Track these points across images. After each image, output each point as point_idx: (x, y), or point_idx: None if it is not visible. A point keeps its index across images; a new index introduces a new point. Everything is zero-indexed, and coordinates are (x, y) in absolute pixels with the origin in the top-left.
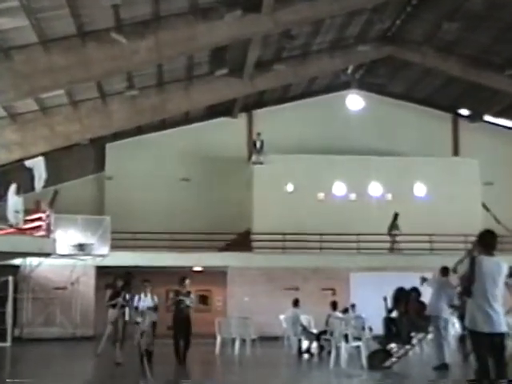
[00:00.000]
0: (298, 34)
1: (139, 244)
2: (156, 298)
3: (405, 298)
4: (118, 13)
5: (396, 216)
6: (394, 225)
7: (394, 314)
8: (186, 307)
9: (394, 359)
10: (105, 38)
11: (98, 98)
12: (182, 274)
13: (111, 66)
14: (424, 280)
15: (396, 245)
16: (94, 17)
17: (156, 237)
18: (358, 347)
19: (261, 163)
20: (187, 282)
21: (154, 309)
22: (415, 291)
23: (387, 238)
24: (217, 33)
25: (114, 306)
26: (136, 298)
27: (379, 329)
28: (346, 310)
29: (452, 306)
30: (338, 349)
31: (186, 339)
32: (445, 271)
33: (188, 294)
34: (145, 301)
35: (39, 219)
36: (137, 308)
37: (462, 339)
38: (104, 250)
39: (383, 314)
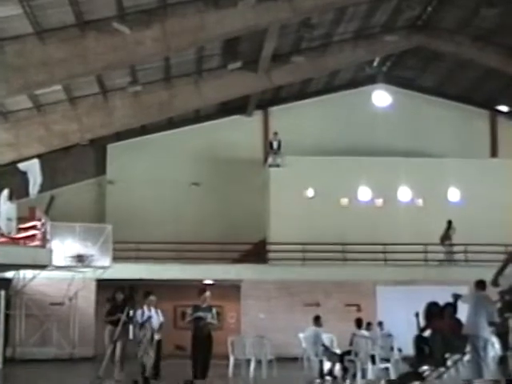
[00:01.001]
0: (319, 23)
1: (144, 255)
2: (161, 314)
3: (438, 315)
4: (121, 0)
5: (450, 224)
6: (447, 234)
7: (427, 333)
8: (206, 325)
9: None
10: (106, 28)
11: (98, 94)
12: (200, 286)
13: (113, 59)
14: (457, 297)
15: (450, 256)
16: (94, 4)
17: (163, 247)
18: (386, 369)
19: (278, 166)
20: (207, 294)
21: (159, 326)
22: (450, 307)
23: (417, 247)
24: (229, 22)
25: (113, 322)
26: (139, 312)
27: (410, 349)
28: (369, 324)
29: (492, 324)
30: (363, 371)
31: (205, 361)
32: (482, 285)
33: (209, 308)
34: (153, 316)
35: (34, 228)
36: (142, 324)
37: (502, 361)
38: (105, 261)
39: (414, 332)
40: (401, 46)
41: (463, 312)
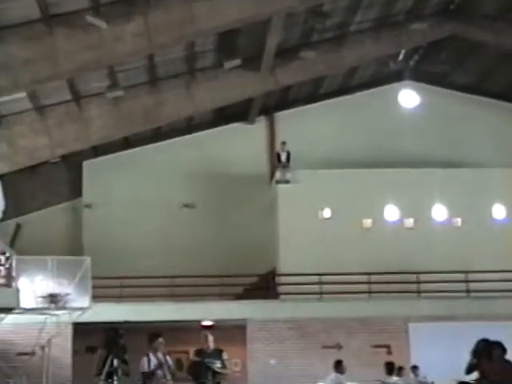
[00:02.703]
0: (332, 11)
1: (129, 292)
2: (171, 361)
3: (487, 354)
4: None
5: None
6: None
7: (473, 376)
8: (215, 374)
9: None
10: (78, 23)
11: (70, 101)
12: (202, 329)
13: (87, 59)
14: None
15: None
16: None
17: (152, 282)
18: None
19: (287, 182)
20: (210, 338)
21: (171, 375)
22: (499, 346)
23: (457, 276)
24: (224, 12)
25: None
26: (145, 360)
27: None
28: (401, 369)
29: None
30: None
31: None
32: None
33: (218, 353)
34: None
35: None
36: (153, 373)
37: None
38: (83, 301)
39: (456, 376)
40: (431, 36)
41: None
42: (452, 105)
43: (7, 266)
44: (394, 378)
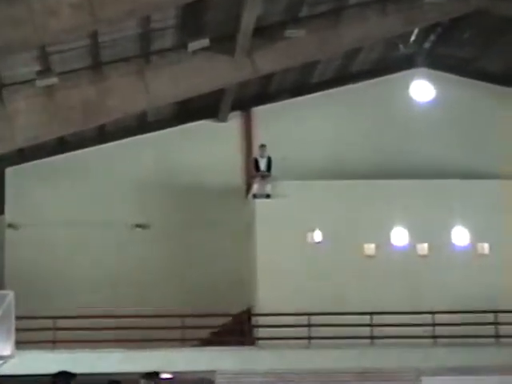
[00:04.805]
0: None
1: (65, 337)
2: None
3: None
4: None
5: None
6: None
7: None
8: None
9: None
10: None
11: None
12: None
13: (12, 38)
14: None
15: None
16: None
17: (94, 323)
18: None
19: (267, 196)
20: None
21: None
22: None
23: (483, 317)
24: None
25: None
26: None
27: None
28: None
29: None
30: None
31: None
32: None
33: None
34: None
35: None
36: None
37: None
38: (5, 348)
39: None
40: (451, 12)
41: None
42: (477, 99)
43: None
44: None
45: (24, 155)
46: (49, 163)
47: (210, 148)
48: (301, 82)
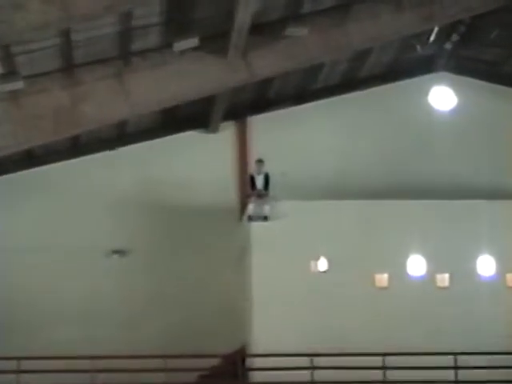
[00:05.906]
0: None
1: (32, 380)
2: None
3: None
4: None
5: None
6: None
7: None
8: None
9: None
10: None
11: None
12: None
13: None
14: None
15: None
16: None
17: (65, 365)
18: None
19: (265, 218)
20: None
21: None
22: None
23: (510, 359)
24: None
25: None
26: None
27: None
28: None
29: None
30: None
31: None
32: None
33: None
34: None
35: None
36: None
37: None
38: None
39: None
40: (476, 8)
41: None
42: (504, 107)
43: None
44: None
45: None
46: (13, 179)
47: (199, 163)
48: (303, 88)
